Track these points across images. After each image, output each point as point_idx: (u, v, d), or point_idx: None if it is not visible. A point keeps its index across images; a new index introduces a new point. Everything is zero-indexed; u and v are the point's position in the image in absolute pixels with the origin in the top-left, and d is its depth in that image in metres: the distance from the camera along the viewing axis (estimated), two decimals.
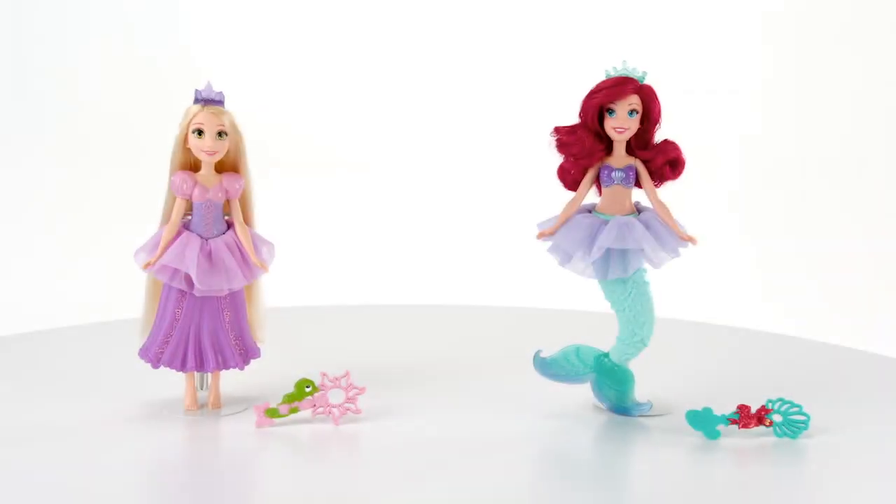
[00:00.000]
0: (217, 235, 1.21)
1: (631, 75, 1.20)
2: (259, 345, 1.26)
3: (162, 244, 1.20)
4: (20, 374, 1.37)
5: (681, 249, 1.22)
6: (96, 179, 2.59)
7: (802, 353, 1.50)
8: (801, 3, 2.84)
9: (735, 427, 1.19)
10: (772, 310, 2.04)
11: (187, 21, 2.90)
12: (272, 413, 1.20)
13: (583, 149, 1.21)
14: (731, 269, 2.31)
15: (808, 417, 1.19)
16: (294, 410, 1.21)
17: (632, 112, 1.20)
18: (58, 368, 1.39)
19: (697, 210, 1.33)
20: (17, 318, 1.81)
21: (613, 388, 1.26)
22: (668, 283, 1.37)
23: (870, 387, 1.37)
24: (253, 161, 1.24)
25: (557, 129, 1.22)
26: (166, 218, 1.21)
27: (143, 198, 1.26)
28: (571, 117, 1.22)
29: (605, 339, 1.27)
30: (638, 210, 1.24)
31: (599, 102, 1.20)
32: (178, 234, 1.20)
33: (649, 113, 1.21)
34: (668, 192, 1.23)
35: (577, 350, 1.27)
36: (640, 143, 1.23)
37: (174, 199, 1.21)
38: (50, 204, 2.54)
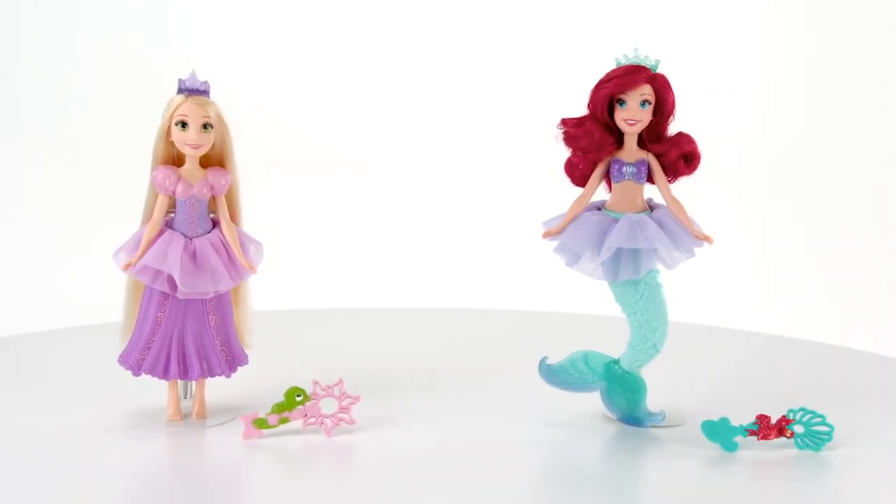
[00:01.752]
0: (202, 234, 1.18)
1: (643, 64, 1.17)
2: (246, 351, 1.23)
3: (143, 244, 1.16)
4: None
5: (696, 249, 1.19)
6: (88, 179, 2.61)
7: (821, 359, 1.48)
8: (802, 3, 2.86)
9: (754, 438, 1.16)
10: (785, 313, 2.04)
11: (186, 20, 2.92)
12: (260, 424, 1.17)
13: (592, 142, 1.18)
14: (744, 271, 2.31)
15: (832, 428, 1.16)
16: (284, 421, 1.18)
17: (644, 103, 1.16)
18: (37, 374, 1.37)
19: (706, 210, 1.29)
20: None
21: (624, 396, 1.22)
22: (681, 284, 1.34)
23: (893, 394, 1.34)
24: (251, 160, 1.22)
25: (565, 121, 1.19)
26: (148, 216, 1.18)
27: (136, 197, 1.22)
28: (580, 109, 1.19)
29: (615, 344, 1.24)
30: (650, 207, 1.20)
31: (609, 93, 1.16)
32: (161, 232, 1.17)
33: (662, 104, 1.17)
34: (680, 189, 1.20)
35: (586, 356, 1.24)
36: (653, 136, 1.19)
37: (156, 195, 1.17)
38: (39, 204, 2.53)
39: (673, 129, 1.19)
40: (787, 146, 2.75)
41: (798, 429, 1.15)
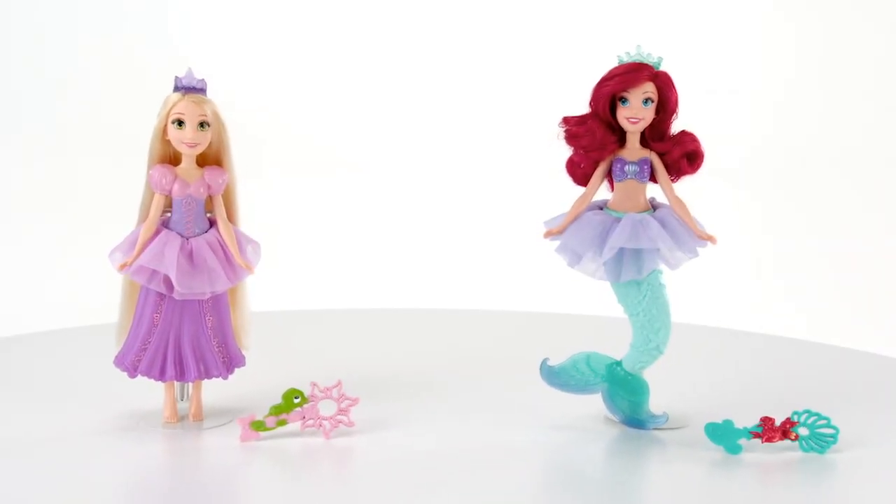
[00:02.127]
0: (199, 234, 1.16)
1: (646, 61, 1.15)
2: (244, 352, 1.22)
3: (139, 243, 1.15)
4: None
5: (699, 249, 1.18)
6: (84, 179, 2.59)
7: (826, 360, 1.46)
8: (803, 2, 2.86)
9: (758, 441, 1.15)
10: (789, 314, 2.02)
11: (186, 20, 2.91)
12: (258, 426, 1.16)
13: (594, 140, 1.16)
14: (748, 271, 2.29)
15: (837, 431, 1.14)
16: (282, 423, 1.17)
17: (646, 101, 1.15)
18: (29, 377, 1.35)
19: (709, 209, 1.28)
20: None
21: (627, 398, 1.21)
22: (684, 285, 1.32)
23: None
24: (250, 160, 1.19)
25: (566, 120, 1.17)
26: (144, 215, 1.17)
27: (132, 197, 1.22)
28: (581, 107, 1.17)
29: (617, 345, 1.23)
30: (653, 206, 1.19)
31: (612, 90, 1.15)
32: (157, 232, 1.15)
33: (665, 102, 1.16)
34: (683, 188, 1.19)
35: (588, 358, 1.23)
36: (656, 135, 1.17)
37: (152, 194, 1.16)
38: (34, 204, 2.52)
39: (676, 127, 1.18)
40: (790, 146, 2.74)
41: (803, 431, 1.14)
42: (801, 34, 2.86)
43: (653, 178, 1.18)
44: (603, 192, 1.20)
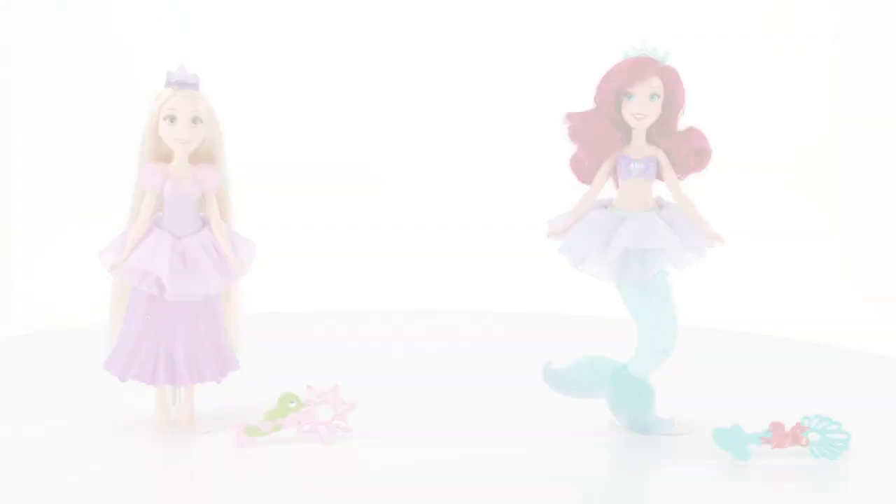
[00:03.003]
0: (191, 234, 1.15)
1: (652, 55, 1.14)
2: (238, 355, 1.21)
3: (130, 243, 1.13)
4: None
5: (707, 249, 1.16)
6: (74, 177, 2.58)
7: (837, 363, 1.46)
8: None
9: (767, 447, 1.13)
10: (800, 316, 2.00)
11: (185, 21, 2.91)
12: (252, 431, 1.15)
13: (598, 137, 1.15)
14: (756, 272, 2.27)
15: (849, 436, 1.13)
16: (277, 428, 1.16)
17: (653, 96, 1.13)
18: (16, 380, 1.35)
19: (716, 208, 1.27)
20: None
21: (632, 403, 1.20)
22: (691, 286, 1.30)
23: None
24: (246, 158, 1.19)
25: (570, 116, 1.16)
26: (135, 214, 1.15)
27: (123, 196, 1.21)
28: (586, 103, 1.16)
29: (622, 348, 1.22)
30: (660, 205, 1.17)
31: (616, 86, 1.13)
32: (148, 232, 1.14)
33: (672, 97, 1.14)
34: (691, 186, 1.17)
35: (592, 361, 1.22)
36: (662, 131, 1.16)
37: (143, 193, 1.14)
38: (25, 203, 2.51)
39: (683, 123, 1.16)
40: (794, 145, 2.74)
41: (813, 436, 1.13)
42: (802, 34, 2.86)
43: (659, 176, 1.16)
44: (608, 191, 1.18)
